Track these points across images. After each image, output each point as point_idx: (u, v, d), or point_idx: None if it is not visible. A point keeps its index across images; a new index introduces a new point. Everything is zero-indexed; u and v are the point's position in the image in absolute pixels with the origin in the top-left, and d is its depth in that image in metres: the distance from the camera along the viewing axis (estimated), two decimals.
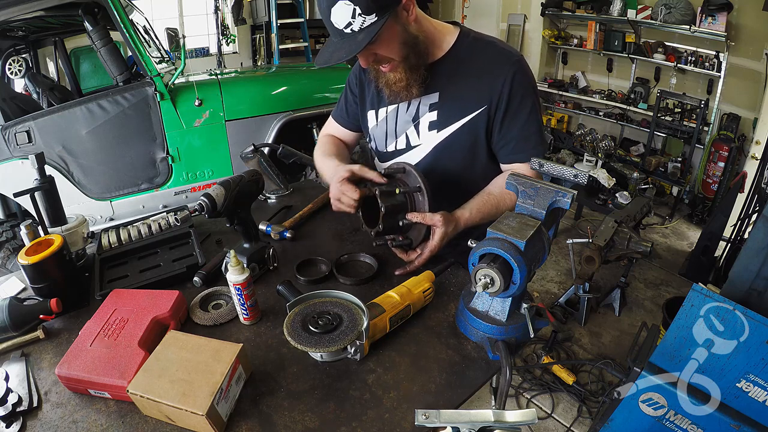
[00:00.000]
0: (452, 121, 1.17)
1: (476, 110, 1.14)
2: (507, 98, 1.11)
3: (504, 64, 1.11)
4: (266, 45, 5.52)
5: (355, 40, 0.96)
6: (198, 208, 1.01)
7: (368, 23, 0.94)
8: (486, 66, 1.12)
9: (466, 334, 0.97)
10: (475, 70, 1.13)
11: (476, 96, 1.13)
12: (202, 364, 0.80)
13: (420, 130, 1.21)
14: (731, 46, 3.59)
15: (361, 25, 0.94)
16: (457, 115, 1.16)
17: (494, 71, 1.11)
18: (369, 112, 1.31)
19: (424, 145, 1.22)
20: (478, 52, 1.14)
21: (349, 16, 0.93)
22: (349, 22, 0.94)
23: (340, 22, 0.95)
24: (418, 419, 0.59)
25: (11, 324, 0.94)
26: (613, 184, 3.66)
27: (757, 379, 1.26)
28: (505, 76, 1.09)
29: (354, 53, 0.96)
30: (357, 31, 0.95)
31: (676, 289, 2.96)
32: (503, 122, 1.14)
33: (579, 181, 0.90)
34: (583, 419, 2.06)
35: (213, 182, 2.85)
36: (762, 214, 1.42)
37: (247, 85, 3.16)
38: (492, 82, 1.11)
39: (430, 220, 1.08)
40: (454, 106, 1.16)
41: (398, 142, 1.26)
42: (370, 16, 0.94)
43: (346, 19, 0.94)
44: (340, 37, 0.98)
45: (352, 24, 0.94)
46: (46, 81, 3.30)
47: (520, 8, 5.16)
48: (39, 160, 1.19)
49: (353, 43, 0.96)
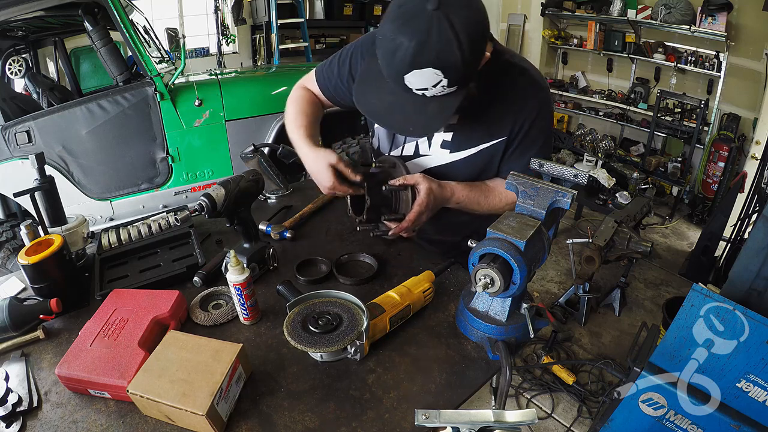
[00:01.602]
0: (468, 146, 1.12)
1: (495, 139, 1.10)
2: (525, 133, 1.07)
3: (531, 98, 1.06)
4: (266, 45, 5.51)
5: (424, 111, 0.86)
6: (198, 208, 1.01)
7: (446, 92, 0.86)
8: (514, 96, 1.06)
9: (466, 334, 0.97)
10: (502, 99, 1.07)
11: (498, 126, 1.08)
12: (202, 364, 0.80)
13: (431, 144, 1.17)
14: (731, 46, 3.59)
15: (438, 93, 0.85)
16: (474, 141, 1.11)
17: (521, 104, 1.06)
18: None
19: (434, 158, 1.18)
20: (509, 80, 1.06)
21: (430, 84, 0.84)
22: (426, 87, 0.85)
23: (415, 84, 0.84)
24: (418, 419, 0.59)
25: (11, 324, 0.94)
26: (613, 184, 3.66)
27: (757, 379, 1.26)
28: (529, 111, 1.05)
29: (426, 134, 0.90)
30: (429, 96, 0.85)
31: (676, 289, 2.96)
32: (514, 153, 1.11)
33: (579, 181, 0.90)
34: (583, 419, 2.06)
35: (213, 182, 2.85)
36: (762, 214, 1.42)
37: (247, 85, 3.16)
38: (516, 115, 1.06)
39: (411, 179, 1.06)
40: (473, 132, 1.11)
41: (405, 148, 1.21)
42: (450, 88, 0.85)
43: (424, 85, 0.84)
44: (404, 92, 0.86)
45: (428, 90, 0.85)
46: (46, 81, 3.30)
47: (520, 8, 5.15)
48: (39, 160, 1.19)
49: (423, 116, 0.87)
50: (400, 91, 0.87)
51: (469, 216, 1.19)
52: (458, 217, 1.20)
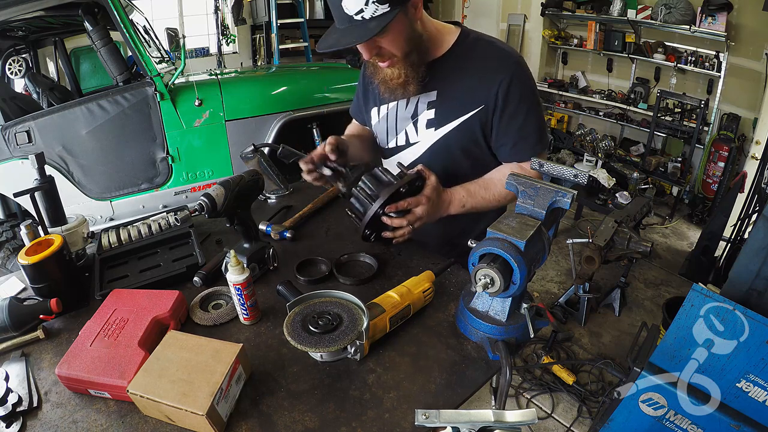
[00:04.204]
0: (449, 120, 1.17)
1: (473, 110, 1.14)
2: (504, 99, 1.10)
3: (502, 65, 1.11)
4: (266, 45, 5.51)
5: (365, 28, 0.95)
6: (198, 208, 1.01)
7: (380, 12, 0.94)
8: (485, 66, 1.12)
9: (466, 334, 0.97)
10: (473, 70, 1.13)
11: (474, 96, 1.13)
12: (202, 364, 0.80)
13: (418, 128, 1.22)
14: (731, 46, 3.59)
15: (373, 13, 0.94)
16: (454, 114, 1.16)
17: (492, 72, 1.11)
18: (372, 109, 1.32)
19: (422, 143, 1.23)
20: (478, 52, 1.14)
21: (363, 3, 0.92)
22: (361, 9, 0.93)
23: (352, 8, 0.94)
24: (418, 419, 0.59)
25: (11, 324, 0.94)
26: (613, 184, 3.66)
27: (757, 379, 1.26)
28: (503, 77, 1.09)
29: (364, 39, 0.96)
30: (368, 19, 0.94)
31: (676, 289, 2.96)
32: (501, 123, 1.14)
33: (579, 181, 0.90)
34: (583, 419, 2.06)
35: (213, 182, 2.86)
36: (762, 214, 1.42)
37: (247, 85, 3.16)
38: (490, 83, 1.11)
39: (423, 170, 1.11)
40: (452, 105, 1.16)
41: (398, 138, 1.27)
42: (383, 6, 0.93)
43: (359, 6, 0.93)
44: (349, 23, 0.97)
45: (364, 11, 0.93)
46: (46, 81, 3.30)
47: (520, 8, 5.15)
48: (39, 160, 1.19)
49: (363, 30, 0.95)
50: (345, 24, 0.98)
51: (467, 218, 1.20)
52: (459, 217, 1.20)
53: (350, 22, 0.96)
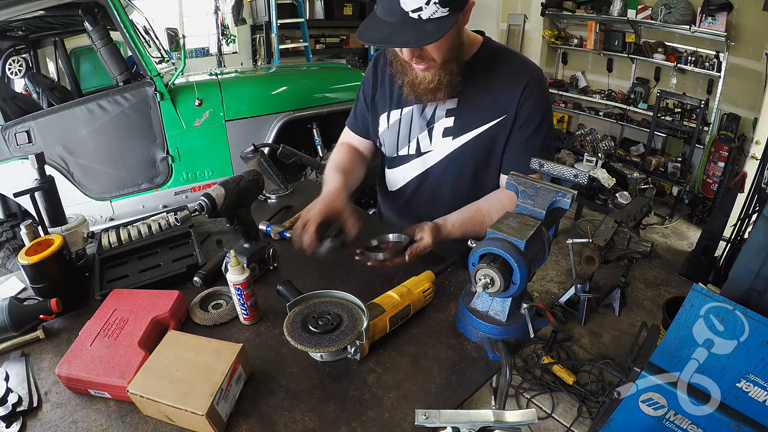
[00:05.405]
0: (470, 129, 1.14)
1: (495, 119, 1.12)
2: (520, 110, 1.10)
3: (525, 75, 1.10)
4: (266, 45, 5.51)
5: (423, 30, 0.89)
6: (198, 208, 1.01)
7: (439, 15, 0.89)
8: (507, 75, 1.11)
9: (466, 334, 0.97)
10: (496, 79, 1.11)
11: (496, 105, 1.11)
12: (202, 364, 0.80)
13: (433, 136, 1.18)
14: (731, 46, 3.59)
15: (432, 14, 0.88)
16: (476, 122, 1.14)
17: (514, 81, 1.10)
18: (381, 115, 1.27)
19: (436, 152, 1.20)
20: (501, 62, 1.12)
21: (423, 2, 0.87)
22: (420, 7, 0.87)
23: (411, 4, 0.87)
24: (418, 419, 0.59)
25: (11, 324, 0.94)
26: (613, 184, 3.67)
27: (757, 379, 1.26)
28: (523, 88, 1.08)
29: (424, 43, 0.91)
30: (425, 19, 0.89)
31: (676, 289, 2.96)
32: (511, 133, 1.13)
33: (579, 181, 0.90)
34: (583, 419, 2.06)
35: (213, 182, 2.87)
36: (762, 214, 1.42)
37: (247, 85, 3.16)
38: (513, 92, 1.09)
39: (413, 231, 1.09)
40: (474, 113, 1.13)
41: (410, 147, 1.23)
42: (444, 9, 0.88)
43: (418, 3, 0.87)
44: (401, 20, 0.90)
45: (423, 11, 0.88)
46: (46, 81, 3.30)
47: (520, 8, 5.15)
48: (39, 160, 1.19)
49: (422, 32, 0.90)
50: (396, 19, 0.91)
51: None
52: None
53: (403, 18, 0.90)
